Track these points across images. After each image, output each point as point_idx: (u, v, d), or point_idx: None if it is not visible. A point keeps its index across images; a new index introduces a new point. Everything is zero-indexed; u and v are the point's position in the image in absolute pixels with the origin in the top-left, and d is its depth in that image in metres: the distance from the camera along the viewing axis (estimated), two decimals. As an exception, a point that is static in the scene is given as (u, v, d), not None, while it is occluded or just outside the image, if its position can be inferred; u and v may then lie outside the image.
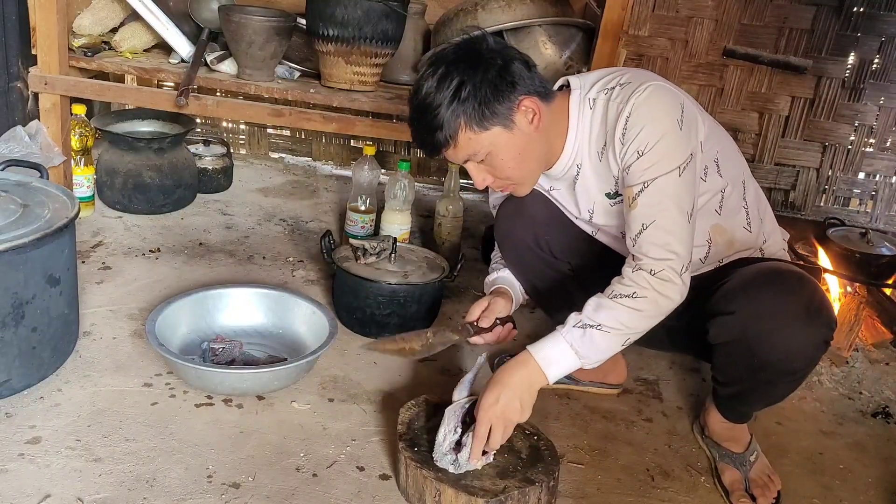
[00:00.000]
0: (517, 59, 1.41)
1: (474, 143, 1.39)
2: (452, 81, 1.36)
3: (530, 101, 1.39)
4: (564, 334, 1.37)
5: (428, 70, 1.40)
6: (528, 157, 1.44)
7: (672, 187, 1.36)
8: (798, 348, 1.39)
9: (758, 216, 1.58)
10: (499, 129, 1.39)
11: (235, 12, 2.20)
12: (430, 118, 1.38)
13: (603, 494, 1.54)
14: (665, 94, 1.39)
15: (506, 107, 1.37)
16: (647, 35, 2.89)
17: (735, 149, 1.58)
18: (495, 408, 1.36)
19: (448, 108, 1.36)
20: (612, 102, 1.42)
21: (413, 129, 1.46)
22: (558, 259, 1.68)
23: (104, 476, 1.39)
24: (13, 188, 1.66)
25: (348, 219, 2.42)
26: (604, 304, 1.37)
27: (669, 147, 1.36)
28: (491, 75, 1.36)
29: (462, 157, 1.43)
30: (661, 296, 1.35)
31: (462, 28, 2.23)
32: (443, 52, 1.42)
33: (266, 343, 1.85)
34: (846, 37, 2.86)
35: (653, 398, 1.89)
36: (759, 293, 1.40)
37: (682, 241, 1.36)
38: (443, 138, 1.39)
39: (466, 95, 1.35)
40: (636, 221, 1.38)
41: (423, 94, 1.39)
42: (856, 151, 3.03)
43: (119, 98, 2.45)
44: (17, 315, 1.50)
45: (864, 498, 1.65)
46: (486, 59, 1.38)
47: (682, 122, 1.38)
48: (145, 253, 2.26)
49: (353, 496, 1.43)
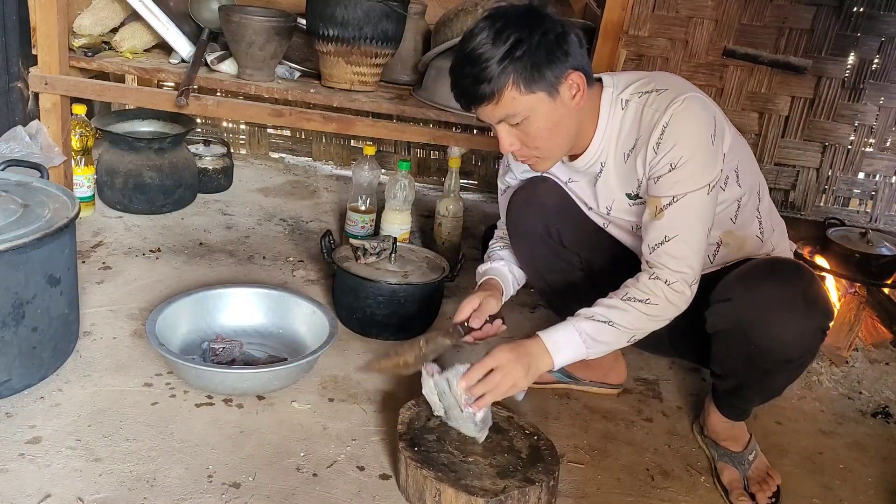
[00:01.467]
0: (575, 33, 1.39)
1: (517, 104, 1.37)
2: (510, 38, 1.33)
3: (577, 77, 1.38)
4: (575, 324, 1.41)
5: (484, 23, 1.36)
6: (562, 130, 1.43)
7: (699, 204, 1.39)
8: (794, 336, 1.40)
9: (770, 226, 1.60)
10: (543, 95, 1.37)
11: (236, 12, 2.20)
12: (479, 69, 1.34)
13: (603, 494, 1.54)
14: (701, 106, 1.40)
15: (555, 74, 1.36)
16: (647, 35, 2.89)
17: (752, 157, 1.58)
18: (506, 355, 1.39)
19: (500, 63, 1.33)
20: (647, 108, 1.42)
21: (456, 78, 1.40)
22: (567, 249, 1.68)
23: (104, 476, 1.39)
24: (13, 188, 1.66)
25: (348, 219, 2.42)
26: (617, 305, 1.41)
27: (702, 163, 1.38)
28: (549, 39, 1.35)
29: (498, 116, 1.40)
30: (671, 304, 1.40)
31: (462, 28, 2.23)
32: (503, 9, 1.39)
33: (266, 343, 1.85)
34: (846, 37, 2.86)
35: (653, 398, 1.89)
36: (757, 282, 1.42)
37: (698, 257, 1.41)
38: (488, 91, 1.35)
39: (521, 54, 1.33)
40: (659, 232, 1.41)
41: (477, 43, 1.34)
42: (856, 151, 3.03)
43: (119, 98, 2.45)
44: (18, 315, 1.50)
45: (864, 498, 1.65)
46: (547, 23, 1.36)
47: (714, 137, 1.39)
48: (146, 253, 2.26)
49: (353, 496, 1.43)
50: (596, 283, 1.72)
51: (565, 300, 1.77)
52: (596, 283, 1.72)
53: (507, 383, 1.39)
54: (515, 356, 1.40)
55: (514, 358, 1.39)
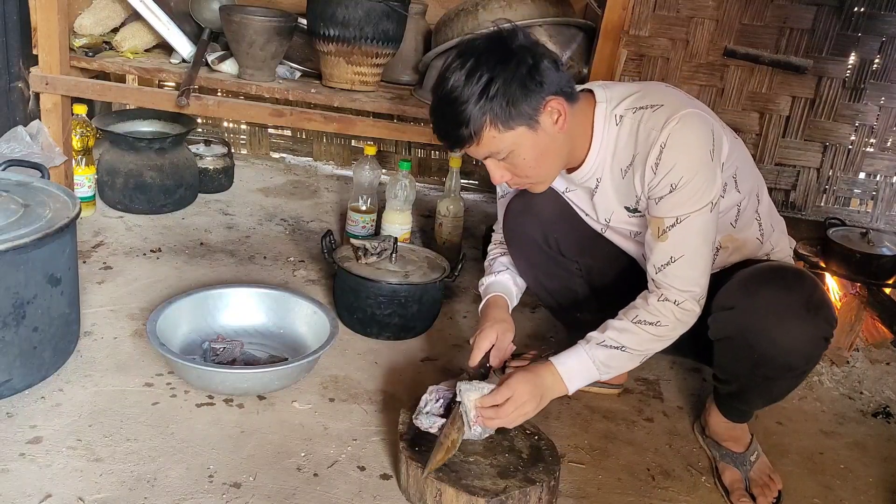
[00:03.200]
0: (547, 58, 1.37)
1: (498, 142, 1.36)
2: (482, 77, 1.30)
3: (557, 102, 1.36)
4: (588, 351, 1.42)
5: (456, 61, 1.34)
6: (550, 157, 1.42)
7: (702, 224, 1.38)
8: (797, 344, 1.39)
9: (770, 227, 1.60)
10: (523, 129, 1.35)
11: (236, 12, 2.20)
12: (456, 112, 1.33)
13: (604, 494, 1.54)
14: (698, 122, 1.37)
15: (532, 107, 1.34)
16: (648, 35, 2.89)
17: (750, 160, 1.57)
18: (523, 388, 1.39)
19: (476, 104, 1.31)
20: (642, 125, 1.40)
21: (436, 121, 1.40)
22: (566, 257, 1.68)
23: (105, 476, 1.39)
24: (14, 188, 1.66)
25: (349, 219, 2.42)
26: (628, 329, 1.42)
27: (703, 183, 1.36)
28: (521, 73, 1.32)
29: (483, 154, 1.39)
30: (680, 323, 1.42)
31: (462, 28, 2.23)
32: (473, 42, 1.37)
33: (267, 343, 1.85)
34: (847, 37, 2.85)
35: (654, 398, 1.89)
36: (759, 289, 1.41)
37: (705, 274, 1.42)
38: (467, 134, 1.34)
39: (495, 93, 1.31)
40: (664, 253, 1.40)
41: (451, 86, 1.33)
42: (856, 151, 3.03)
43: (120, 98, 2.45)
44: (19, 315, 1.50)
45: (865, 498, 1.65)
46: (517, 56, 1.33)
47: (713, 153, 1.37)
48: (146, 253, 2.26)
49: (353, 496, 1.43)
50: (596, 289, 1.72)
51: (566, 307, 1.78)
52: (596, 289, 1.72)
53: (518, 415, 1.40)
54: (531, 388, 1.40)
55: (530, 391, 1.40)
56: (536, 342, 2.07)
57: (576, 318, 1.76)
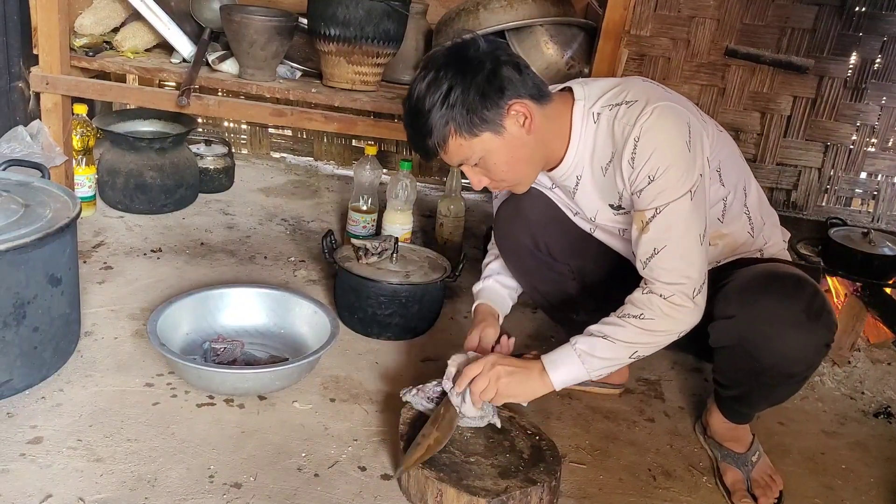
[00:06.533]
0: (507, 63, 1.38)
1: (465, 149, 1.39)
2: (442, 86, 1.34)
3: (520, 105, 1.37)
4: (572, 342, 1.42)
5: (422, 72, 1.39)
6: (522, 160, 1.43)
7: (684, 212, 1.36)
8: (798, 353, 1.38)
9: (760, 220, 1.58)
10: (489, 135, 1.37)
11: (237, 12, 2.20)
12: (421, 123, 1.38)
13: (605, 494, 1.53)
14: (672, 115, 1.37)
15: (494, 112, 1.36)
16: (649, 35, 2.89)
17: (735, 153, 1.57)
18: (508, 364, 1.43)
19: (437, 113, 1.35)
20: (617, 121, 1.40)
21: (407, 132, 1.46)
22: (557, 261, 1.68)
23: (105, 476, 1.39)
24: (15, 188, 1.66)
25: (350, 219, 2.42)
26: (613, 322, 1.41)
27: (680, 171, 1.35)
28: (479, 80, 1.34)
29: (455, 162, 1.43)
30: (671, 318, 1.38)
31: (462, 28, 2.23)
32: (434, 55, 1.42)
33: (268, 343, 1.85)
34: (848, 36, 2.85)
35: (655, 398, 1.89)
36: (758, 297, 1.39)
37: (693, 265, 1.37)
38: (432, 144, 1.39)
39: (454, 101, 1.34)
40: (648, 246, 1.39)
41: (415, 98, 1.38)
42: (857, 151, 3.03)
43: (120, 98, 2.45)
44: (19, 315, 1.50)
45: (866, 498, 1.65)
46: (474, 64, 1.36)
47: (690, 144, 1.37)
48: (147, 253, 2.26)
49: (354, 496, 1.43)
50: (590, 290, 1.72)
51: (561, 309, 1.78)
52: (590, 290, 1.72)
53: (496, 384, 1.42)
54: (513, 368, 1.42)
55: (511, 370, 1.42)
56: (537, 342, 2.07)
57: (572, 320, 1.76)
